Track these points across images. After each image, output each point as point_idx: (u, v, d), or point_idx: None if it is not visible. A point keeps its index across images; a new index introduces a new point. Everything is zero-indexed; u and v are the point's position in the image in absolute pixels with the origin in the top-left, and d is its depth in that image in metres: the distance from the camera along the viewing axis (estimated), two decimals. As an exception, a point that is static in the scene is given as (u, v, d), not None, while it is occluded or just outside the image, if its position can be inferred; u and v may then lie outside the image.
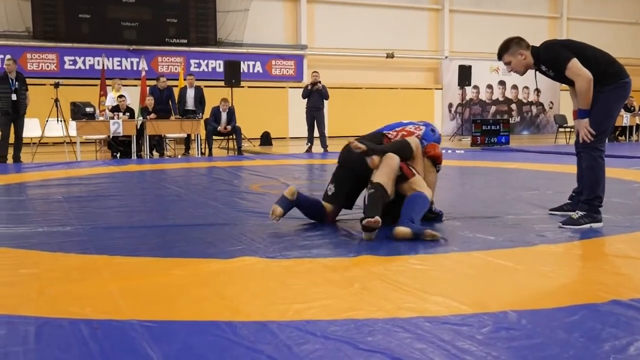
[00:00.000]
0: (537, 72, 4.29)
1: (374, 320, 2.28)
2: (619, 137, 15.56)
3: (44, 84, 13.89)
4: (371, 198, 3.83)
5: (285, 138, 17.91)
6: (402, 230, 3.66)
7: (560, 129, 16.24)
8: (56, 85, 11.12)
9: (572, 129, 15.74)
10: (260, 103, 17.51)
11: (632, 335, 2.12)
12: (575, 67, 3.97)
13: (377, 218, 3.63)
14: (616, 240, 3.75)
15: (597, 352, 1.98)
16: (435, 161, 4.44)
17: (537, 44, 4.25)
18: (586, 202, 4.12)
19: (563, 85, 4.38)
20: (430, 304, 2.48)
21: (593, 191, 4.10)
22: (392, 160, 3.99)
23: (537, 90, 21.63)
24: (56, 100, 10.89)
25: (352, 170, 4.25)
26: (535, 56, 4.18)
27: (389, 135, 4.40)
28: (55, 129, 11.07)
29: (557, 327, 2.20)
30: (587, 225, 4.03)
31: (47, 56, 16.08)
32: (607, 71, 4.06)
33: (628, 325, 2.22)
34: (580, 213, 4.09)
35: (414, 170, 4.14)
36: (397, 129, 4.49)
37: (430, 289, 2.69)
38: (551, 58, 4.11)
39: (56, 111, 10.82)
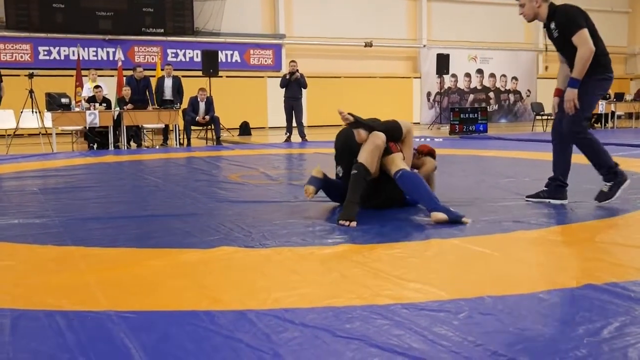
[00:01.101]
0: (545, 29, 4.46)
1: (352, 307, 2.30)
2: (595, 125, 15.75)
3: (18, 75, 13.69)
4: (355, 184, 3.94)
5: (264, 128, 17.85)
6: (439, 216, 3.82)
7: (537, 117, 16.38)
8: (30, 76, 10.95)
9: (550, 116, 15.88)
10: (238, 93, 17.43)
11: (605, 319, 2.15)
12: (585, 36, 4.15)
13: (354, 223, 3.79)
14: (589, 226, 3.81)
15: (571, 335, 2.01)
16: (434, 155, 4.75)
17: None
18: (607, 172, 4.34)
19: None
20: (408, 291, 2.50)
21: (605, 164, 4.34)
22: (378, 138, 4.06)
23: (515, 79, 21.80)
24: (31, 92, 10.73)
25: (349, 152, 4.26)
26: (551, 12, 4.33)
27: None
28: (30, 121, 10.91)
29: (532, 312, 2.23)
30: (619, 191, 4.30)
31: (20, 46, 15.83)
32: (599, 61, 4.21)
33: (602, 309, 2.26)
34: (608, 184, 4.33)
35: (399, 147, 4.27)
36: None
37: (408, 276, 2.71)
38: (566, 20, 4.26)
39: (31, 102, 10.66)
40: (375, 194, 4.24)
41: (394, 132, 4.24)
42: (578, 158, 4.45)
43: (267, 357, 1.87)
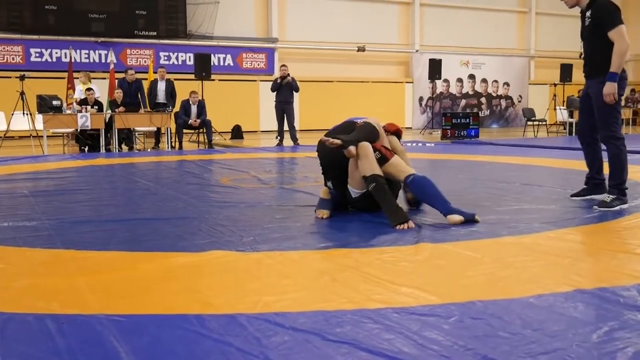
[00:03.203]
0: (581, 15, 4.64)
1: (343, 311, 2.30)
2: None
3: (9, 77, 13.63)
4: (381, 195, 4.00)
5: (256, 132, 17.84)
6: (456, 218, 3.94)
7: (529, 123, 16.45)
8: (22, 78, 10.91)
9: (540, 122, 15.94)
10: (231, 96, 17.41)
11: (594, 323, 2.16)
12: (623, 31, 4.37)
13: (411, 224, 3.86)
14: (580, 232, 3.83)
15: (560, 340, 2.02)
16: (400, 135, 4.76)
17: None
18: (615, 186, 4.50)
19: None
20: (399, 295, 2.50)
21: (620, 177, 4.51)
22: (368, 148, 4.16)
23: (507, 84, 21.89)
24: (22, 93, 10.69)
25: (333, 162, 4.37)
26: (591, 1, 4.51)
27: (358, 123, 4.51)
28: (21, 123, 10.87)
29: (521, 317, 2.23)
30: (618, 207, 4.40)
31: (12, 48, 15.76)
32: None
33: (591, 314, 2.27)
34: (611, 197, 4.47)
35: (391, 150, 4.35)
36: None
37: (399, 280, 2.71)
38: (605, 12, 4.44)
39: (22, 104, 10.62)
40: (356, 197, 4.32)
41: (372, 135, 4.32)
42: (570, 164, 4.47)
43: (258, 361, 1.87)
